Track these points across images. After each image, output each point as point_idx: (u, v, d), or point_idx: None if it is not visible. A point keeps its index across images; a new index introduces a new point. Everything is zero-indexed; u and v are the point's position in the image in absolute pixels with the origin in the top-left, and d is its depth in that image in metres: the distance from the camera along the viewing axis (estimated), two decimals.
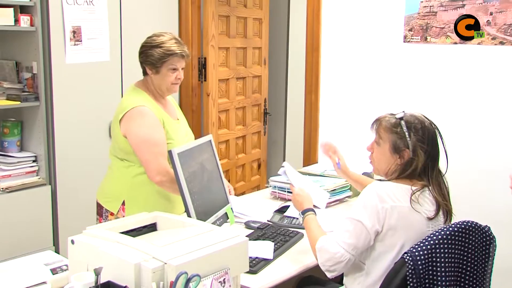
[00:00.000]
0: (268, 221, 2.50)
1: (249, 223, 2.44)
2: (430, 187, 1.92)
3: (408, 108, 2.05)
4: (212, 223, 2.08)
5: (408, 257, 1.75)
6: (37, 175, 3.17)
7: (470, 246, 1.87)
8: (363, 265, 1.96)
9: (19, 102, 3.03)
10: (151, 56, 2.35)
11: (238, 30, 4.31)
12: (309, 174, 2.96)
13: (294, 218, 2.52)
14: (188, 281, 1.39)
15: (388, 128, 1.95)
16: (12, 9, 2.94)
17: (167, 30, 3.72)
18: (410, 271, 1.74)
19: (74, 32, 3.20)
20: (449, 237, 1.81)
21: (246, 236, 1.71)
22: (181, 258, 1.45)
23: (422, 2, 3.04)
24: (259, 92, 4.68)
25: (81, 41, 3.25)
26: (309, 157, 3.61)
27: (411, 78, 3.14)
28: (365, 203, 1.88)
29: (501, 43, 2.81)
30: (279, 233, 2.31)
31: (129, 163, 2.39)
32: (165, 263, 1.43)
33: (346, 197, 2.81)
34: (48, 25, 3.08)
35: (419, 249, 1.77)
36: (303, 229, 2.40)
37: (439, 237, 1.79)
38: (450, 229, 1.82)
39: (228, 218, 2.34)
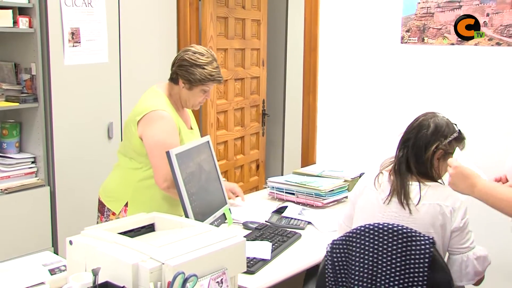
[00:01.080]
0: (266, 221, 2.51)
1: (247, 223, 2.45)
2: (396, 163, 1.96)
3: (405, 109, 2.06)
4: (210, 224, 2.09)
5: (328, 246, 1.87)
6: (36, 176, 3.18)
7: (385, 247, 1.81)
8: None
9: (18, 104, 3.04)
10: (192, 74, 2.35)
11: (236, 32, 4.32)
12: (307, 175, 2.98)
13: (292, 218, 2.53)
14: (185, 281, 1.40)
15: None
16: (10, 10, 2.95)
17: (165, 32, 3.79)
18: (327, 259, 1.86)
19: (72, 33, 3.21)
20: (362, 232, 1.83)
21: (244, 236, 1.71)
22: (179, 259, 1.46)
23: (419, 3, 3.05)
24: (258, 93, 4.68)
25: (79, 42, 3.25)
26: (307, 158, 3.62)
27: (408, 79, 3.15)
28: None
29: (498, 44, 2.83)
30: (277, 234, 2.32)
31: (138, 165, 2.39)
32: (163, 264, 1.44)
33: (344, 197, 2.82)
34: (46, 27, 3.09)
35: (338, 238, 1.85)
36: (301, 229, 2.42)
37: (354, 230, 1.85)
38: (367, 225, 1.84)
39: (226, 218, 2.35)
